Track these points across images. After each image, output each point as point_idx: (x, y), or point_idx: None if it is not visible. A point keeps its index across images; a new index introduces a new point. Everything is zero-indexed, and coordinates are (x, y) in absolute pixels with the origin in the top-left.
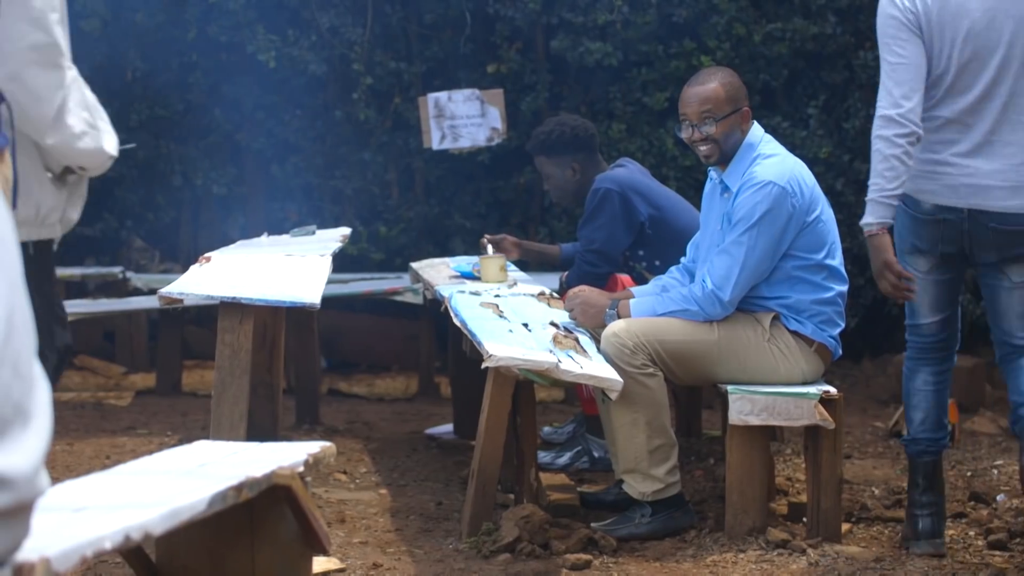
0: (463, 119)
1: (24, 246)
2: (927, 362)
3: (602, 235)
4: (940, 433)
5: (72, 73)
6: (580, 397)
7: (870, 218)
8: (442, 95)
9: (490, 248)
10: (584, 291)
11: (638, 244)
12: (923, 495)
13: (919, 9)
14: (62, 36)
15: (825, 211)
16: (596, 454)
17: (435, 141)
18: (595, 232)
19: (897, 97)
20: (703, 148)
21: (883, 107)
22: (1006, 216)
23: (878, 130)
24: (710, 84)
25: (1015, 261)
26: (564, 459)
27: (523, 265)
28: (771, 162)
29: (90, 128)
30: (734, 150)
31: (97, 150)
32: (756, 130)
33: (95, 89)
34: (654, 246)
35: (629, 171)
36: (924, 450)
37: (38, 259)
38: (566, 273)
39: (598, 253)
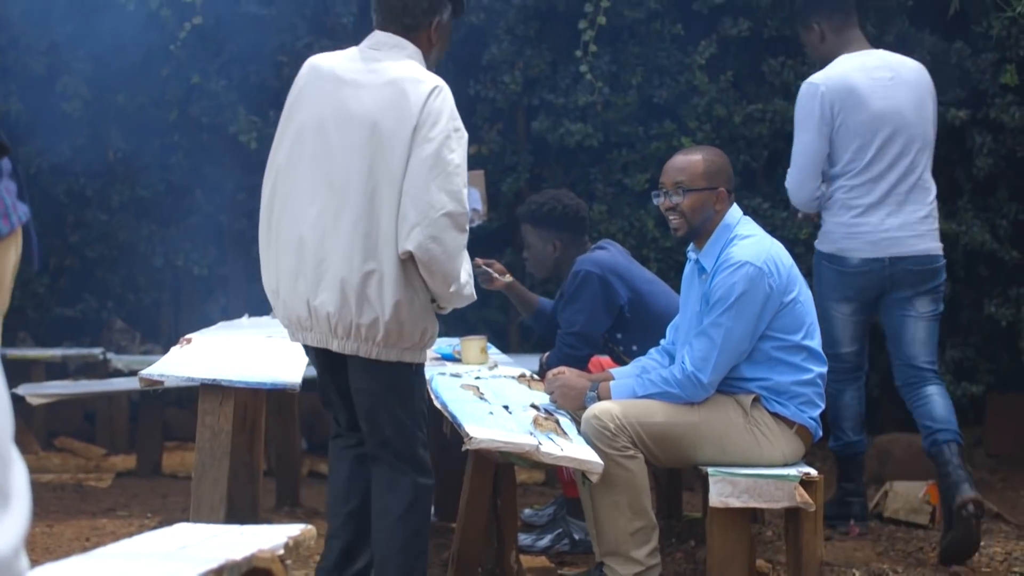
0: None
1: None
2: (850, 382)
3: (582, 318)
4: (862, 435)
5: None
6: (560, 479)
7: None
8: None
9: (501, 276)
10: (564, 373)
11: (617, 327)
12: (856, 486)
13: (833, 98)
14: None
15: (803, 292)
16: (576, 536)
17: None
18: (575, 315)
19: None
20: (672, 219)
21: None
22: (919, 258)
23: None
24: (692, 156)
25: (923, 295)
26: (545, 541)
27: (503, 346)
28: (748, 243)
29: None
30: (704, 228)
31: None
32: (735, 211)
33: (77, 170)
34: (633, 329)
35: (611, 254)
36: (856, 451)
37: None
38: (547, 354)
39: (578, 336)
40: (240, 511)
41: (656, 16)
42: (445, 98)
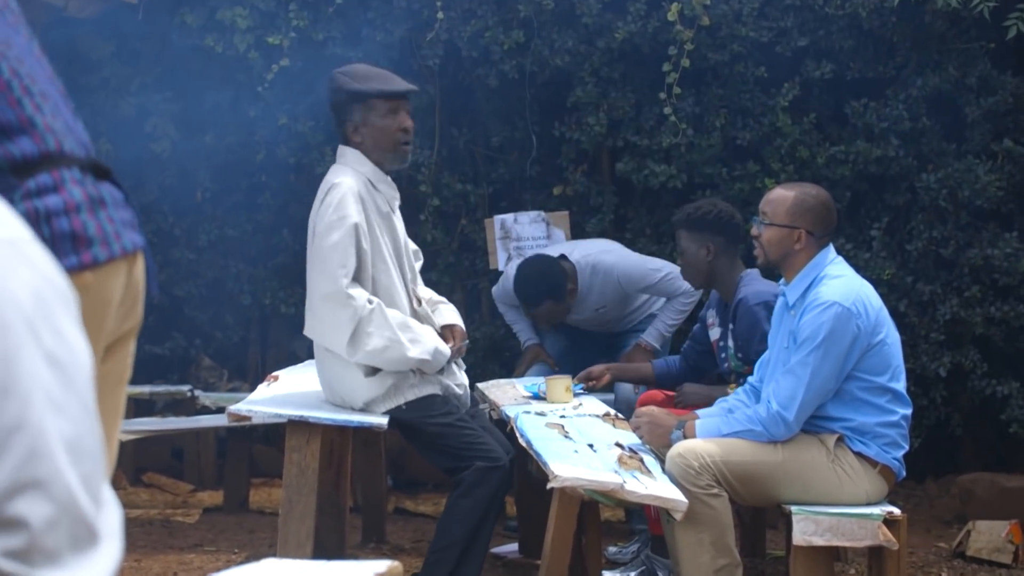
0: (529, 240)
1: None
2: None
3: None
4: None
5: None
6: (648, 516)
7: None
8: (508, 217)
9: (599, 380)
10: (652, 411)
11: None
12: None
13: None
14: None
15: (891, 334)
16: (660, 573)
17: (501, 262)
18: (760, 345)
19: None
20: (755, 247)
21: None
22: None
23: None
24: (785, 192)
25: None
26: None
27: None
28: (837, 283)
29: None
30: (786, 264)
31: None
32: (828, 252)
33: (165, 209)
34: None
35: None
36: None
37: None
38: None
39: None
40: (327, 547)
41: (739, 58)
42: (335, 193)
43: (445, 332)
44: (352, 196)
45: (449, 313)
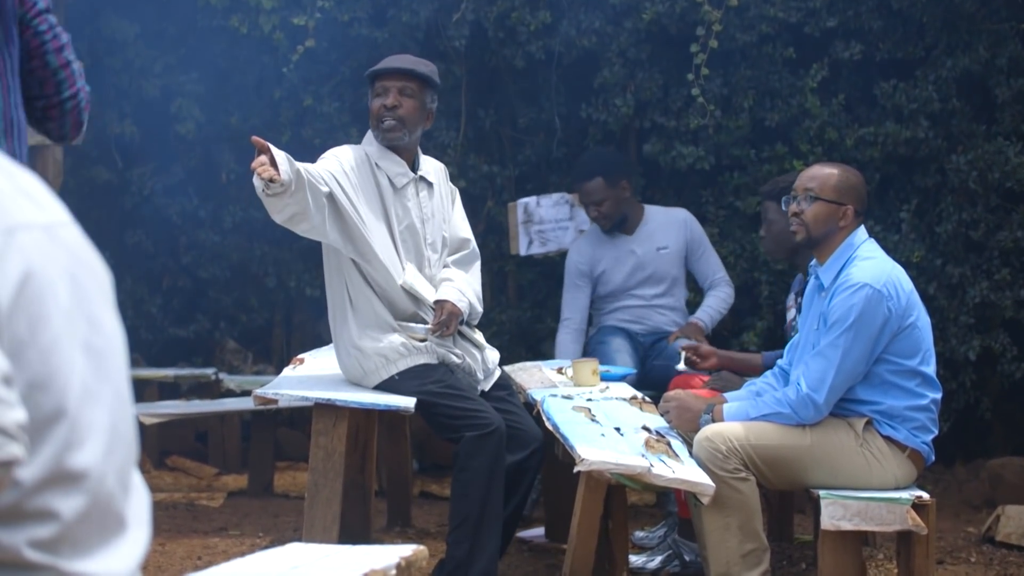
0: (551, 223)
1: None
2: None
3: None
4: None
5: None
6: (678, 499)
7: None
8: (531, 200)
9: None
10: (680, 395)
11: None
12: None
13: None
14: None
15: (921, 317)
16: (687, 557)
17: (522, 247)
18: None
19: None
20: (793, 224)
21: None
22: None
23: None
24: (829, 169)
25: None
26: (655, 563)
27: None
28: (868, 264)
29: None
30: (825, 242)
31: None
32: (861, 233)
33: (190, 191)
34: None
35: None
36: None
37: None
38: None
39: None
40: (352, 531)
41: (768, 39)
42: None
43: (436, 307)
44: (332, 154)
45: (446, 288)
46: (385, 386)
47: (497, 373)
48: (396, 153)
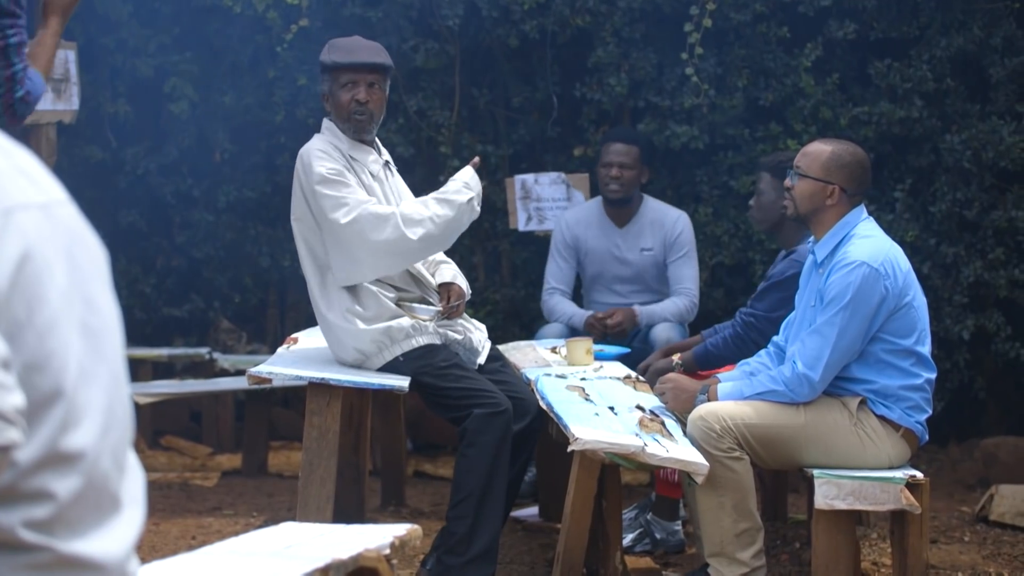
0: (549, 202)
1: None
2: None
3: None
4: None
5: None
6: (656, 477)
7: None
8: (529, 177)
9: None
10: (675, 377)
11: None
12: None
13: None
14: None
15: (918, 297)
16: (658, 536)
17: (521, 222)
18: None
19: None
20: (786, 199)
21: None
22: None
23: None
24: (822, 146)
25: None
26: (626, 541)
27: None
28: (865, 243)
29: None
30: (816, 219)
31: None
32: (860, 211)
33: (184, 170)
34: None
35: None
36: None
37: None
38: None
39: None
40: (346, 511)
41: (762, 19)
42: (301, 159)
43: (442, 290)
44: (315, 152)
45: (447, 271)
46: (389, 368)
47: (488, 345)
48: (363, 143)
